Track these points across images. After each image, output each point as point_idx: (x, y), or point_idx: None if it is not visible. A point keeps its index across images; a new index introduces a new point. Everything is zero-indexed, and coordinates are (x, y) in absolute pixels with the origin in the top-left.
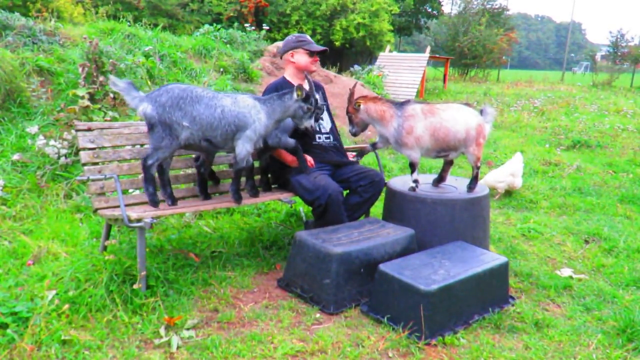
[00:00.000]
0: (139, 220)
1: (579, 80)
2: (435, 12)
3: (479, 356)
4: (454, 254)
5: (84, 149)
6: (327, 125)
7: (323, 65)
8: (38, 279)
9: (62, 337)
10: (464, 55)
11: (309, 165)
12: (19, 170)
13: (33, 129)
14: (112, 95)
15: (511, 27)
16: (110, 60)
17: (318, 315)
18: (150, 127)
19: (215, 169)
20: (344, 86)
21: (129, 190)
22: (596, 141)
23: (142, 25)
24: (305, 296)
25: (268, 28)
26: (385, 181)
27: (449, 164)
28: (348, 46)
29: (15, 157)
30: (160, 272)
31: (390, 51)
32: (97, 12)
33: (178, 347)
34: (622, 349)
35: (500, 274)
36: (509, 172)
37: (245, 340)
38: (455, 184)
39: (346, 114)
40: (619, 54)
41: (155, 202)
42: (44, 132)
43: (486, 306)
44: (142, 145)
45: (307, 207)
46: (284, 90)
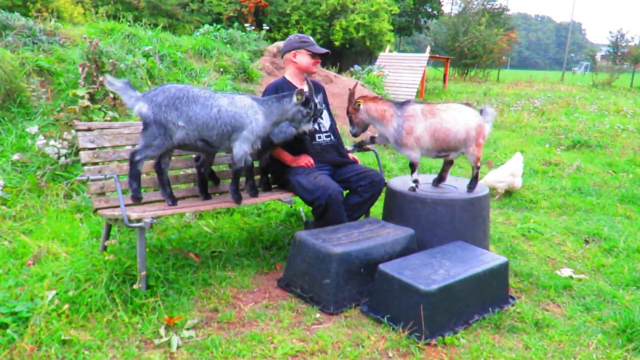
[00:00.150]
0: (139, 220)
1: (579, 80)
2: (435, 12)
3: (479, 356)
4: (454, 254)
5: (84, 149)
6: (326, 124)
7: (323, 65)
8: (38, 279)
9: (62, 337)
10: (464, 55)
11: (309, 165)
12: (19, 170)
13: (33, 129)
14: (112, 95)
15: (511, 27)
16: (110, 60)
17: (318, 315)
18: (145, 126)
19: (215, 169)
20: (344, 86)
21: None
22: (596, 141)
23: (142, 25)
24: (305, 296)
25: (268, 28)
26: (385, 181)
27: (449, 164)
28: (348, 46)
29: (15, 157)
30: (160, 272)
31: (390, 51)
32: (97, 12)
33: (178, 347)
34: (622, 349)
35: (500, 274)
36: (509, 172)
37: (245, 340)
38: (455, 184)
39: (346, 114)
40: (619, 54)
41: (137, 198)
42: (44, 132)
43: (486, 306)
44: None
45: (307, 207)
46: (284, 90)
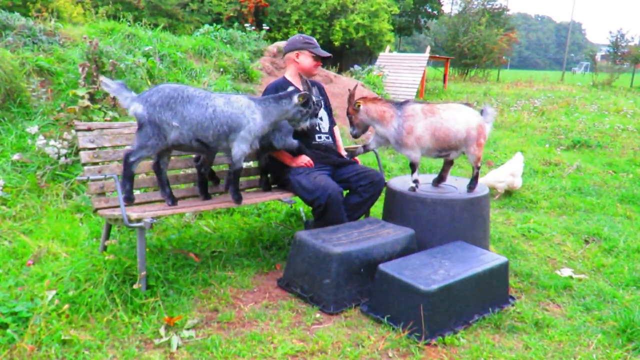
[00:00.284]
0: (139, 220)
1: (579, 80)
2: (435, 12)
3: (479, 356)
4: (454, 254)
5: (84, 149)
6: (326, 125)
7: (323, 65)
8: (38, 279)
9: (62, 337)
10: (464, 55)
11: (309, 165)
12: (19, 170)
13: (33, 129)
14: (112, 96)
15: (511, 27)
16: (110, 60)
17: (318, 315)
18: (140, 126)
19: (215, 169)
20: (344, 86)
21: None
22: (596, 141)
23: (142, 25)
24: (305, 296)
25: (268, 28)
26: (385, 181)
27: (449, 163)
28: (348, 46)
29: (15, 157)
30: (160, 272)
31: (390, 51)
32: (97, 12)
33: (178, 347)
34: (622, 349)
35: (500, 274)
36: (509, 172)
37: (245, 340)
38: (455, 184)
39: (346, 115)
40: (619, 54)
41: (130, 199)
42: (44, 132)
43: (486, 306)
44: None
45: (307, 207)
46: (284, 90)
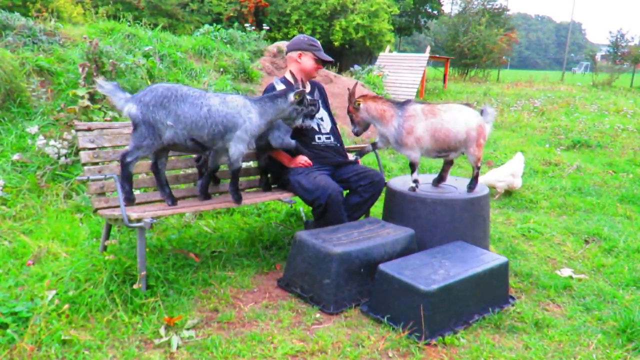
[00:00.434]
0: (139, 220)
1: (579, 80)
2: (435, 12)
3: (479, 356)
4: (454, 254)
5: (84, 149)
6: (327, 125)
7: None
8: (38, 279)
9: (62, 337)
10: (464, 55)
11: (307, 165)
12: (19, 170)
13: (33, 129)
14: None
15: (511, 27)
16: (110, 60)
17: (318, 315)
18: (135, 126)
19: None
20: (344, 86)
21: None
22: (596, 141)
23: (142, 25)
24: (305, 296)
25: (268, 28)
26: (385, 181)
27: (449, 164)
28: (348, 46)
29: (15, 157)
30: (160, 272)
31: (390, 51)
32: (97, 12)
33: (178, 347)
34: (622, 349)
35: (500, 274)
36: (509, 172)
37: (245, 340)
38: (455, 184)
39: (347, 113)
40: (619, 54)
41: (130, 200)
42: (44, 132)
43: (486, 306)
44: None
45: (307, 207)
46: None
